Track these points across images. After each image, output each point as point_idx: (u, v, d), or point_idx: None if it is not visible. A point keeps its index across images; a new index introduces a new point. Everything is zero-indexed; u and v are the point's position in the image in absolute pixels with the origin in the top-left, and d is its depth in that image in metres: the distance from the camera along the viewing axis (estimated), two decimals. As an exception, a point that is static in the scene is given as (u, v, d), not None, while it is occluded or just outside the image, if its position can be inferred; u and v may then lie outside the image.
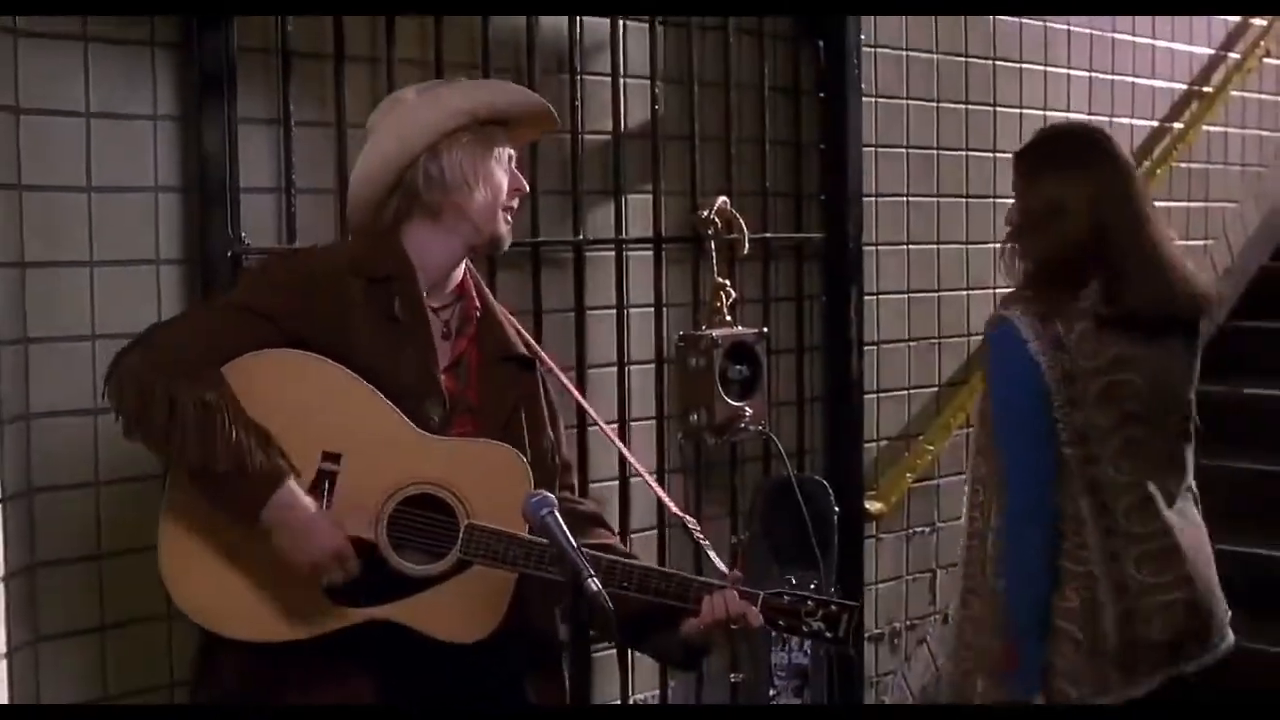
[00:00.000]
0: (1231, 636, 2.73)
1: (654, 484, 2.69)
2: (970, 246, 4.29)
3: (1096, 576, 2.59)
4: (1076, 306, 2.58)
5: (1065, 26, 4.57)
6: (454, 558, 2.26)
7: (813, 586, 3.20)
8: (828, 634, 2.30)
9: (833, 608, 2.31)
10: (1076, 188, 2.63)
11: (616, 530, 2.64)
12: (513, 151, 2.46)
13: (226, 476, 2.18)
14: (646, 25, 3.47)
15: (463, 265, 2.46)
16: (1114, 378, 2.58)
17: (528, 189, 2.48)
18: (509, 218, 2.43)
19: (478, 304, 2.46)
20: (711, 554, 2.45)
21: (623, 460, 3.27)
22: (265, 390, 2.25)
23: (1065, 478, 2.59)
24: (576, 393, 2.66)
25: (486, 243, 2.42)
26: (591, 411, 2.76)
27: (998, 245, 2.80)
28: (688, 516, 2.56)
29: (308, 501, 2.22)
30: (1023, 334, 2.57)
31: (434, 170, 2.36)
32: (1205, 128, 5.05)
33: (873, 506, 3.99)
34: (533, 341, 2.55)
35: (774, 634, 2.43)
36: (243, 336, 2.27)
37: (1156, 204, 4.79)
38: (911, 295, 4.15)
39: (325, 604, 2.25)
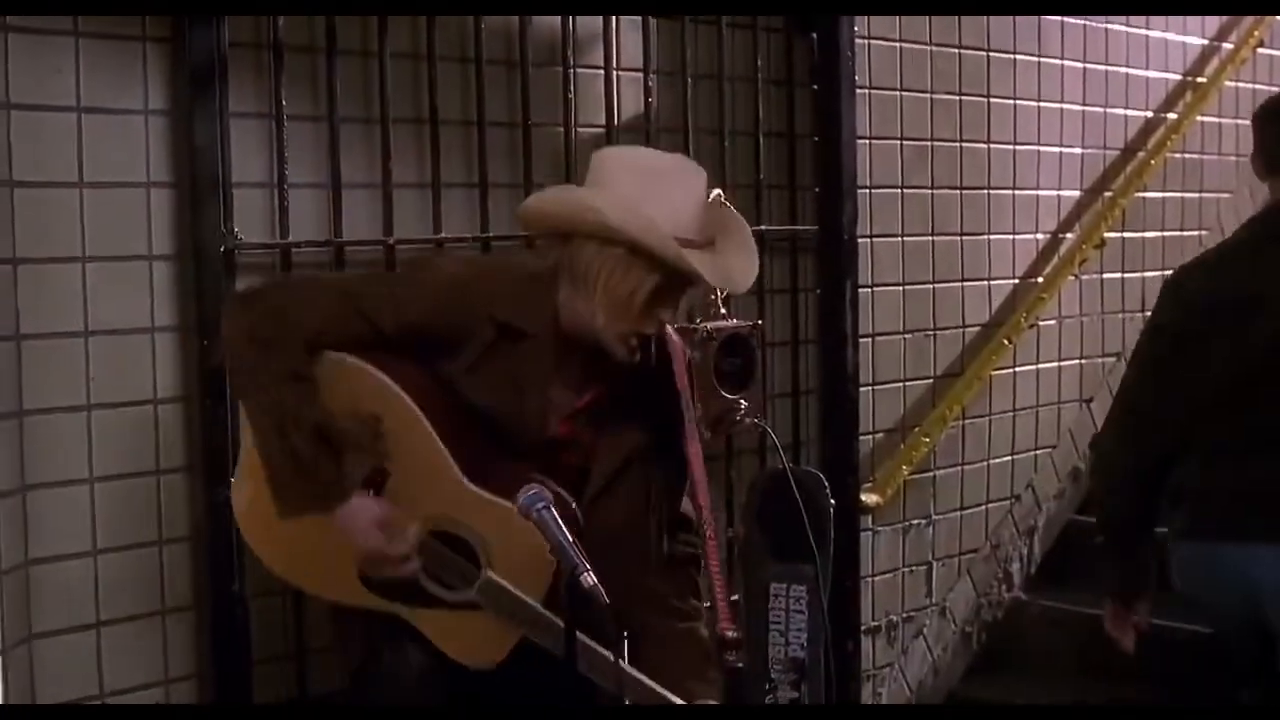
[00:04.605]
0: None
1: (714, 567, 2.55)
2: (965, 238, 4.28)
3: None
4: None
5: (1059, 17, 4.56)
6: (467, 597, 2.37)
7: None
8: None
9: None
10: None
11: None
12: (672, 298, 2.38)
13: (293, 472, 2.28)
14: (640, 17, 3.46)
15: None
16: None
17: (658, 329, 2.41)
18: (633, 342, 2.38)
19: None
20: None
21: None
22: (344, 393, 2.34)
23: None
24: (694, 446, 2.56)
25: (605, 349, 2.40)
26: (698, 474, 2.56)
27: (992, 237, 2.79)
28: (730, 630, 2.50)
29: (369, 508, 2.32)
30: None
31: (579, 255, 2.35)
32: (1199, 118, 5.03)
33: (869, 499, 3.98)
34: (686, 396, 2.52)
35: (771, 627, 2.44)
36: (349, 333, 2.35)
37: (1150, 195, 4.85)
38: (906, 287, 4.13)
39: (359, 586, 2.39)
